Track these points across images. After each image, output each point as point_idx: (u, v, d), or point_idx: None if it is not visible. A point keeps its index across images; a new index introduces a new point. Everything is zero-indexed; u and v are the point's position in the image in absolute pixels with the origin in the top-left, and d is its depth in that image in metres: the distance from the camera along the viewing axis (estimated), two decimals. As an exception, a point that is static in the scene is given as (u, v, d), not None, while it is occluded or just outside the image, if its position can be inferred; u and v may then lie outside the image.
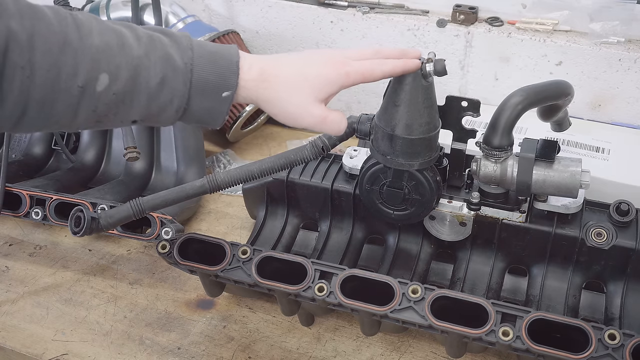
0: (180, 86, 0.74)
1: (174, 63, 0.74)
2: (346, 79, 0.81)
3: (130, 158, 1.12)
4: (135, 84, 0.72)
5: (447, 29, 1.36)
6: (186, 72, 0.74)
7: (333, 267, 0.91)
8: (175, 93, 0.74)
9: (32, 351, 1.02)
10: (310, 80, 0.80)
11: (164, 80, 0.73)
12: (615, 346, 0.78)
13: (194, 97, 0.76)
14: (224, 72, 0.77)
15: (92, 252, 1.21)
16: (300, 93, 0.80)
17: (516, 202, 0.99)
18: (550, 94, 0.94)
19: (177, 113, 0.76)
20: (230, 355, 1.01)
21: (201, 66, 0.76)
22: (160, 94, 0.73)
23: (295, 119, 0.81)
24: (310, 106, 0.80)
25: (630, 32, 1.27)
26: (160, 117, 0.76)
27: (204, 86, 0.76)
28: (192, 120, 0.79)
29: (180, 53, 0.75)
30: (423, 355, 0.99)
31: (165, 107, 0.75)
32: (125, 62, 0.71)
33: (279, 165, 0.93)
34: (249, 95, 0.79)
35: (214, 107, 0.77)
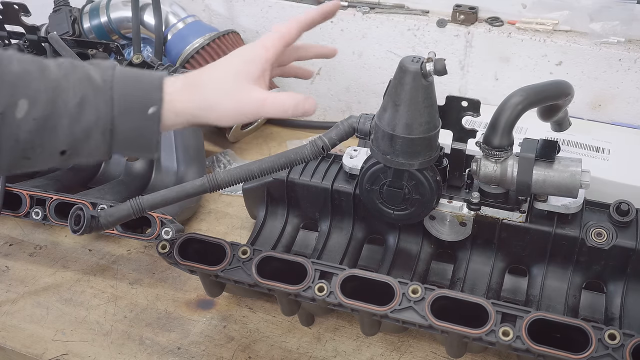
0: (102, 105, 0.72)
1: (93, 82, 0.72)
2: (265, 50, 0.79)
3: (130, 158, 1.12)
4: (55, 106, 0.69)
5: (447, 29, 1.36)
6: (106, 89, 0.72)
7: (333, 267, 0.91)
8: (98, 114, 0.72)
9: (32, 351, 1.02)
10: (234, 67, 0.78)
11: (84, 100, 0.71)
12: (615, 346, 0.78)
13: (119, 117, 0.72)
14: (146, 87, 0.74)
15: (92, 252, 1.21)
16: (229, 83, 0.77)
17: (516, 202, 0.99)
18: (550, 94, 0.94)
19: (104, 137, 0.73)
20: (230, 355, 1.01)
21: (122, 83, 0.73)
22: (81, 116, 0.71)
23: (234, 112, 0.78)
24: (243, 92, 0.77)
25: (630, 32, 1.27)
26: (89, 144, 0.73)
27: (127, 103, 0.73)
28: (124, 145, 0.75)
29: (100, 73, 0.73)
30: (423, 355, 0.99)
31: (90, 130, 0.72)
32: (44, 86, 0.69)
33: (279, 165, 0.93)
34: (179, 109, 0.76)
35: (142, 126, 0.74)
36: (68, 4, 1.49)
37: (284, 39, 0.81)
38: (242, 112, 0.78)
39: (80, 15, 1.49)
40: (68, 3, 1.49)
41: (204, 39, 1.43)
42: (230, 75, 0.78)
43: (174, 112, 0.76)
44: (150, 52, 1.52)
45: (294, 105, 0.79)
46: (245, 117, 0.79)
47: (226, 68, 0.79)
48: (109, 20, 1.47)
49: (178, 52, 1.44)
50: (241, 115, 0.78)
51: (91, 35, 1.49)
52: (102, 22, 1.47)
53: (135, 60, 1.25)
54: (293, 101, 0.79)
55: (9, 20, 1.35)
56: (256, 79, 0.78)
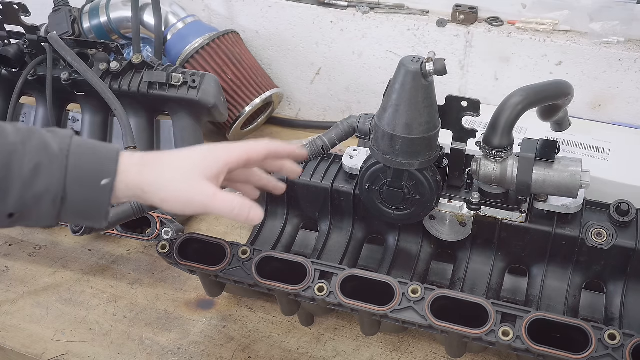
0: (56, 173, 0.73)
1: (50, 150, 0.73)
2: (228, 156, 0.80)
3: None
4: (9, 170, 0.70)
5: (447, 29, 1.36)
6: (62, 158, 0.73)
7: (333, 267, 0.91)
8: (51, 181, 0.72)
9: (32, 351, 1.02)
10: (195, 158, 0.80)
11: (39, 167, 0.72)
12: (615, 346, 0.78)
13: (71, 186, 0.73)
14: (102, 159, 0.75)
15: (92, 252, 1.21)
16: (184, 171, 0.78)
17: (516, 202, 0.99)
18: (550, 94, 0.94)
19: (54, 204, 0.73)
20: (230, 355, 1.01)
21: (78, 153, 0.74)
22: (34, 182, 0.72)
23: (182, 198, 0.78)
24: (195, 183, 0.78)
25: (630, 32, 1.27)
26: (38, 209, 0.73)
27: (81, 173, 0.74)
28: (72, 214, 0.76)
29: (57, 141, 0.74)
30: (423, 355, 0.99)
31: (41, 196, 0.72)
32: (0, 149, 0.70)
33: (279, 165, 0.93)
34: (131, 182, 0.76)
35: (93, 197, 0.75)
36: (68, 4, 1.49)
37: (248, 157, 0.83)
38: (189, 201, 0.79)
39: (80, 15, 1.49)
40: (68, 3, 1.49)
41: (204, 39, 1.43)
42: (188, 165, 0.79)
43: (125, 183, 0.76)
44: (150, 52, 1.52)
45: (240, 208, 0.79)
46: (191, 206, 0.79)
47: (186, 158, 0.80)
48: (109, 20, 1.47)
49: (178, 52, 1.44)
50: (188, 203, 0.79)
51: (91, 35, 1.49)
52: (102, 22, 1.47)
53: (135, 60, 1.25)
54: (239, 205, 0.80)
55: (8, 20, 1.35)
56: (210, 177, 0.79)
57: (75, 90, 1.30)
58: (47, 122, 1.37)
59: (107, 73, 1.26)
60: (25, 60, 1.32)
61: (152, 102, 1.29)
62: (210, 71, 1.40)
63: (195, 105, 1.25)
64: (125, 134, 1.13)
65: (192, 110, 1.28)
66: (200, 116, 1.30)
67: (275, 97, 1.50)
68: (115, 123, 1.38)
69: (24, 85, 1.29)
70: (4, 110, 1.35)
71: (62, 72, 1.27)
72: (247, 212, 0.80)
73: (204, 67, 1.42)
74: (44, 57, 1.29)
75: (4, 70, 1.33)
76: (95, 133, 1.38)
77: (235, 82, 1.43)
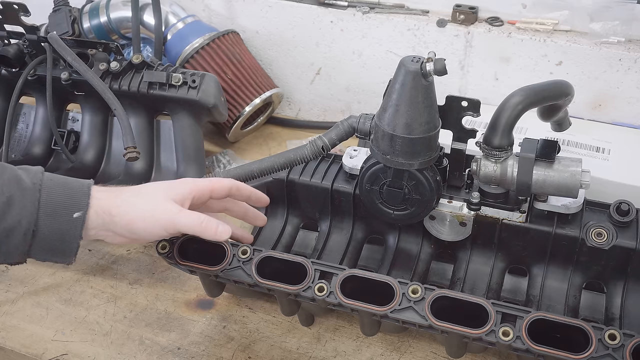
0: (29, 205, 0.74)
1: (22, 184, 0.74)
2: (194, 183, 0.85)
3: (130, 158, 1.12)
4: None
5: (447, 29, 1.36)
6: (34, 191, 0.74)
7: (333, 267, 0.91)
8: (23, 214, 0.73)
9: (32, 351, 1.02)
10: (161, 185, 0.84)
11: (11, 200, 0.73)
12: (616, 346, 0.78)
13: (43, 218, 0.74)
14: (74, 193, 0.77)
15: (92, 252, 1.21)
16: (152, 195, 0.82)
17: (516, 202, 0.99)
18: (550, 94, 0.94)
19: (25, 237, 0.74)
20: (230, 355, 1.01)
21: (51, 187, 0.76)
22: (7, 214, 0.72)
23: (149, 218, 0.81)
24: (162, 203, 0.82)
25: (631, 32, 1.27)
26: (9, 243, 0.74)
27: (54, 207, 0.75)
28: (42, 249, 0.77)
29: (29, 176, 0.75)
30: (423, 355, 0.99)
31: (12, 229, 0.73)
32: None
33: (279, 164, 0.93)
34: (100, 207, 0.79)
35: (65, 229, 0.76)
36: (68, 3, 1.49)
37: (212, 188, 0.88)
38: (155, 219, 0.82)
39: (80, 15, 1.49)
40: (68, 3, 1.49)
41: (204, 39, 1.43)
42: (154, 189, 0.84)
43: (95, 210, 0.78)
44: (150, 52, 1.51)
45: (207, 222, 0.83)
46: (159, 225, 0.82)
47: (153, 185, 0.85)
48: (109, 20, 1.47)
49: (178, 52, 1.44)
50: (155, 222, 0.82)
51: (91, 35, 1.49)
52: (102, 22, 1.47)
53: (135, 60, 1.25)
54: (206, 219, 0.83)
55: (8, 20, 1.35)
56: (176, 199, 0.83)
57: (75, 90, 1.30)
58: (47, 122, 1.38)
59: (107, 73, 1.26)
60: (25, 60, 1.32)
61: (152, 102, 1.29)
62: (210, 71, 1.40)
63: (195, 105, 1.25)
64: (125, 134, 1.13)
65: (192, 110, 1.28)
66: (200, 116, 1.30)
67: (275, 97, 1.50)
68: (115, 123, 1.38)
69: (24, 85, 1.29)
70: (4, 110, 1.35)
71: (62, 72, 1.27)
72: (215, 227, 0.83)
73: (204, 67, 1.42)
74: (44, 57, 1.29)
75: (4, 70, 1.33)
76: (95, 133, 1.38)
77: (235, 82, 1.43)
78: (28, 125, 1.42)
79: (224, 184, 0.88)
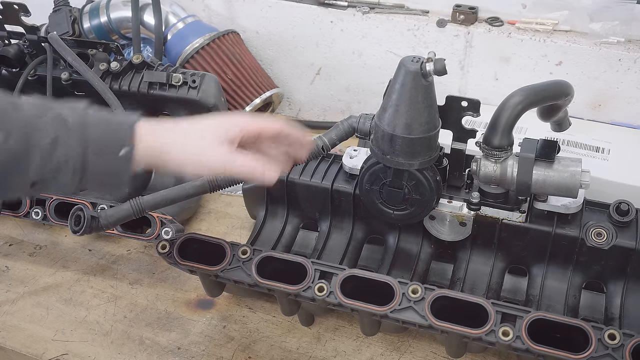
0: (75, 145, 0.74)
1: (66, 123, 0.74)
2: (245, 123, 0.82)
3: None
4: (28, 143, 0.72)
5: (447, 29, 1.36)
6: (79, 131, 0.74)
7: (333, 267, 0.91)
8: (69, 152, 0.73)
9: (32, 351, 1.02)
10: (211, 125, 0.81)
11: (57, 139, 0.73)
12: (615, 346, 0.78)
13: (91, 156, 0.74)
14: (118, 130, 0.76)
15: (92, 252, 1.21)
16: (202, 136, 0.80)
17: (516, 202, 0.99)
18: (550, 94, 0.94)
19: (74, 175, 0.75)
20: (230, 355, 1.01)
21: (95, 126, 0.75)
22: (53, 154, 0.73)
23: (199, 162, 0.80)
24: (212, 148, 0.80)
25: (630, 32, 1.27)
26: (58, 180, 0.75)
27: (99, 145, 0.75)
28: (95, 183, 0.77)
29: (74, 115, 0.75)
30: (423, 355, 0.99)
31: (60, 168, 0.74)
32: (18, 122, 0.71)
33: (279, 165, 0.93)
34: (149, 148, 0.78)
35: (113, 167, 0.76)
36: (68, 4, 1.49)
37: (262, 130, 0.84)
38: (205, 164, 0.81)
39: (80, 15, 1.49)
40: (68, 3, 1.49)
41: (204, 39, 1.43)
42: (205, 130, 0.81)
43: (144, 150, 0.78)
44: (150, 52, 1.51)
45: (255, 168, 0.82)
46: (208, 168, 0.81)
47: (203, 124, 0.82)
48: (109, 20, 1.47)
49: (178, 52, 1.44)
50: (204, 166, 0.81)
51: (91, 35, 1.49)
52: (102, 22, 1.47)
53: (135, 60, 1.25)
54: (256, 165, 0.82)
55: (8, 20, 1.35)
56: (226, 141, 0.81)
57: (75, 90, 1.30)
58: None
59: (107, 73, 1.26)
60: (25, 60, 1.32)
61: (152, 102, 1.29)
62: (210, 71, 1.40)
63: (195, 105, 1.25)
64: (125, 134, 1.13)
65: (192, 110, 1.28)
66: (200, 116, 1.30)
67: (275, 97, 1.50)
68: (115, 123, 1.37)
69: (24, 85, 1.29)
70: (4, 110, 1.35)
71: (62, 72, 1.27)
72: (262, 173, 0.82)
73: (204, 67, 1.42)
74: (44, 57, 1.29)
75: (4, 70, 1.33)
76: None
77: (235, 82, 1.43)
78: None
79: (274, 128, 0.86)
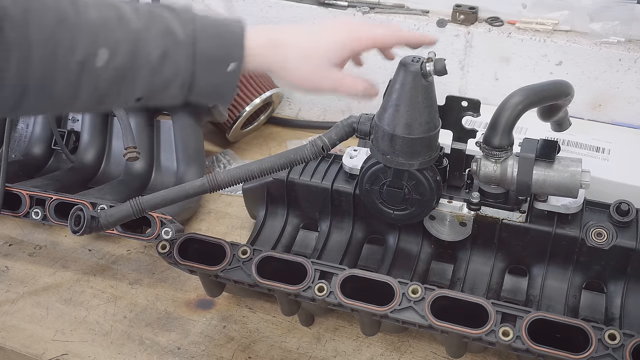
0: (183, 60, 0.72)
1: (175, 37, 0.71)
2: (358, 43, 0.83)
3: (130, 158, 1.12)
4: (136, 58, 0.69)
5: (447, 29, 1.36)
6: (188, 45, 0.72)
7: (333, 267, 0.91)
8: (178, 67, 0.72)
9: (32, 351, 1.02)
10: (323, 45, 0.81)
11: (166, 54, 0.71)
12: (616, 346, 0.78)
13: (199, 72, 0.73)
14: (228, 44, 0.75)
15: (92, 252, 1.21)
16: (314, 58, 0.80)
17: (516, 202, 0.99)
18: (550, 94, 0.94)
19: (182, 89, 0.74)
20: (230, 355, 1.01)
21: (204, 39, 0.73)
22: (162, 69, 0.71)
23: (312, 84, 0.81)
24: (325, 70, 0.81)
25: (630, 32, 1.27)
26: (165, 93, 0.74)
27: (208, 60, 0.74)
28: (199, 97, 0.77)
29: (181, 26, 0.72)
30: (423, 355, 0.99)
31: (169, 82, 0.72)
32: (124, 36, 0.69)
33: (279, 164, 0.93)
34: (260, 63, 0.78)
35: (221, 81, 0.75)
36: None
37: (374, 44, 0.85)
38: (317, 87, 0.82)
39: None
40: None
41: (204, 39, 1.43)
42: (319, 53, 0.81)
43: (254, 65, 0.78)
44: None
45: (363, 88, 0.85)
46: (319, 91, 0.83)
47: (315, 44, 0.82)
48: (109, 20, 1.47)
49: (178, 52, 1.44)
50: (316, 89, 0.83)
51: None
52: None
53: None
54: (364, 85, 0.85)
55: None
56: (336, 63, 0.82)
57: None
58: (47, 122, 1.38)
59: (107, 73, 1.26)
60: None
61: (152, 102, 1.29)
62: (210, 71, 1.40)
63: (195, 105, 1.25)
64: (125, 134, 1.13)
65: (192, 110, 1.28)
66: (200, 116, 1.30)
67: (275, 97, 1.50)
68: (115, 123, 1.38)
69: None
70: (4, 110, 1.35)
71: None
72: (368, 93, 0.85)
73: (204, 67, 1.42)
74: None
75: None
76: (96, 133, 1.38)
77: (235, 82, 1.43)
78: (28, 125, 1.42)
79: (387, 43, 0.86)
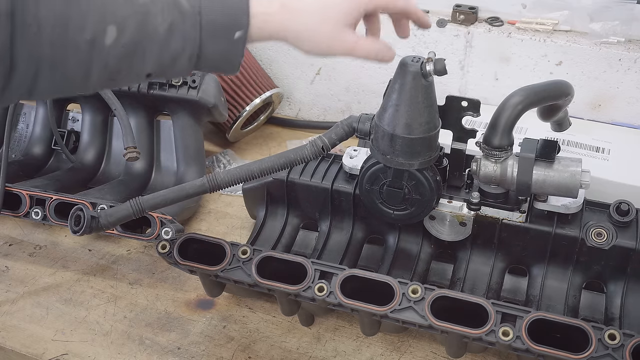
0: (190, 31, 0.72)
1: (181, 7, 0.72)
2: (369, 1, 0.82)
3: (130, 158, 1.12)
4: (144, 33, 0.70)
5: (447, 29, 1.36)
6: (194, 15, 0.72)
7: (333, 267, 0.91)
8: (186, 39, 0.72)
9: (32, 351, 1.02)
10: (335, 7, 0.81)
11: (173, 26, 0.71)
12: (615, 346, 0.78)
13: (206, 41, 0.74)
14: (234, 12, 0.75)
15: (92, 252, 1.21)
16: (328, 21, 0.80)
17: (516, 202, 0.99)
18: (550, 94, 0.94)
19: (190, 61, 0.74)
20: (230, 355, 1.01)
21: (210, 8, 0.73)
22: (170, 41, 0.71)
23: (326, 48, 0.81)
24: (340, 33, 0.80)
25: (630, 32, 1.27)
26: (175, 67, 0.74)
27: (215, 28, 0.74)
28: (207, 67, 0.77)
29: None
30: (423, 355, 0.99)
31: (177, 55, 0.73)
32: (132, 12, 0.69)
33: (279, 164, 0.93)
34: (274, 30, 0.78)
35: (228, 49, 0.75)
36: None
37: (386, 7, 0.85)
38: (332, 51, 0.82)
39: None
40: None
41: (204, 39, 1.43)
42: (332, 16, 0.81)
43: (268, 32, 0.78)
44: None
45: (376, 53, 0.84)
46: (333, 55, 0.83)
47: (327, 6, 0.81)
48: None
49: (178, 52, 1.44)
50: (330, 53, 0.82)
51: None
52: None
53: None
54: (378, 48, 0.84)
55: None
56: (350, 24, 0.81)
57: (76, 90, 1.30)
58: (47, 122, 1.38)
59: (107, 73, 1.26)
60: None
61: (152, 102, 1.29)
62: (210, 71, 1.40)
63: (195, 105, 1.25)
64: (125, 134, 1.13)
65: (192, 110, 1.28)
66: (200, 116, 1.30)
67: (275, 97, 1.50)
68: (115, 123, 1.38)
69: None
70: (4, 110, 1.35)
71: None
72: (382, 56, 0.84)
73: (204, 67, 1.41)
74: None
75: None
76: (96, 133, 1.38)
77: (235, 82, 1.43)
78: (28, 125, 1.42)
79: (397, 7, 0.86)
